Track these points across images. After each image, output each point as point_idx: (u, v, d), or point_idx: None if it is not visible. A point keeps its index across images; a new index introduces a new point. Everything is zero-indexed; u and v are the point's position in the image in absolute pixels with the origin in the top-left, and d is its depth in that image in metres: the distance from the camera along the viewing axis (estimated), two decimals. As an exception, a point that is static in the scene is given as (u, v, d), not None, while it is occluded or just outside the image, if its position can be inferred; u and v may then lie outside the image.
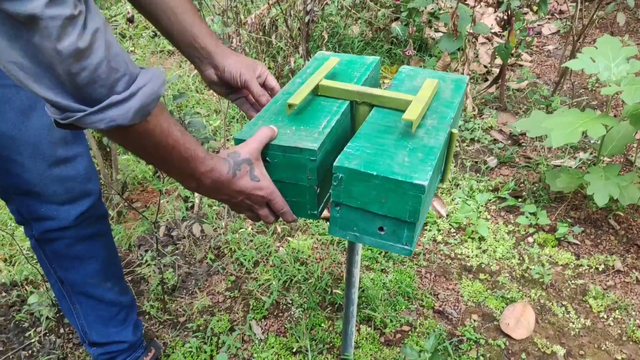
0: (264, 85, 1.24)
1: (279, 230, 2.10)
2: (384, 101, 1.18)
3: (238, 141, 1.00)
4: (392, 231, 1.01)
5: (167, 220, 2.15)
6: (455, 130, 1.13)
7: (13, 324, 1.73)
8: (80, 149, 1.17)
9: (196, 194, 2.31)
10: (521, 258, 2.01)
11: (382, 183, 0.95)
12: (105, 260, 1.31)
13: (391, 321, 1.75)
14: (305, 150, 0.96)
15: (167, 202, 2.25)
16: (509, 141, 2.66)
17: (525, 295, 1.86)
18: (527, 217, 2.16)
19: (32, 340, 1.66)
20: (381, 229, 1.01)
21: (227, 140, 2.70)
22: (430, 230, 2.12)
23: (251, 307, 1.80)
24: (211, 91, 3.22)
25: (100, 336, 1.38)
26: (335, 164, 0.97)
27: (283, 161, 0.99)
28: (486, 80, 3.25)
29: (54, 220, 1.18)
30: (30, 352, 1.64)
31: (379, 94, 1.17)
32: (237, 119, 2.79)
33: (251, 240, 2.03)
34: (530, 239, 2.10)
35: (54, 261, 1.26)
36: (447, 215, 2.18)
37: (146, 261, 1.94)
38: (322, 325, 1.74)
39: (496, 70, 3.23)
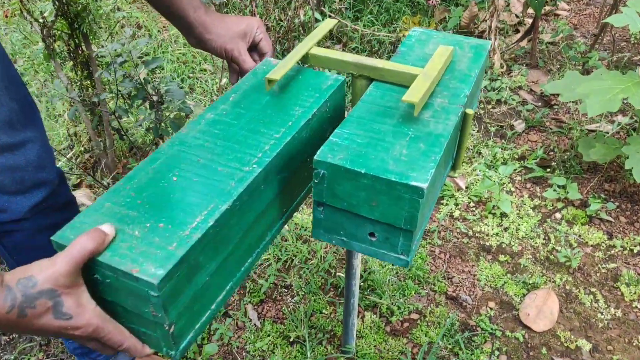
0: (256, 47, 1.07)
1: (282, 203, 1.94)
2: (384, 74, 0.99)
3: (58, 247, 0.66)
4: (385, 238, 0.84)
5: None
6: (470, 111, 0.94)
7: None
8: (32, 133, 1.01)
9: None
10: (547, 237, 1.82)
11: (372, 183, 0.77)
12: None
13: (399, 308, 1.60)
14: (143, 282, 0.62)
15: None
16: (540, 102, 2.42)
17: (550, 281, 1.68)
18: (555, 190, 1.96)
19: (13, 325, 1.57)
20: (372, 234, 0.85)
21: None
22: (447, 204, 1.93)
23: (248, 289, 1.66)
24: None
25: (73, 330, 1.26)
26: (316, 157, 0.80)
27: (117, 284, 0.65)
28: (517, 31, 2.98)
29: (5, 212, 1.04)
30: (10, 337, 1.55)
31: (379, 65, 0.98)
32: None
33: (251, 215, 1.88)
34: (557, 215, 1.90)
35: (14, 254, 1.14)
36: (466, 188, 1.99)
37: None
38: (323, 311, 1.60)
39: (529, 21, 2.95)
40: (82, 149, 2.16)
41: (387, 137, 0.84)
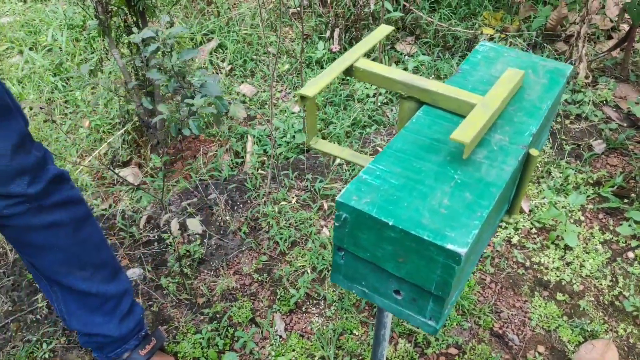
0: None
1: (326, 207, 1.84)
2: (437, 99, 0.85)
3: None
4: (412, 299, 0.72)
5: (207, 176, 1.95)
6: (535, 152, 0.79)
7: (26, 281, 1.63)
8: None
9: (248, 149, 2.08)
10: (614, 279, 1.62)
11: (401, 238, 0.65)
12: (73, 250, 1.11)
13: (436, 340, 1.47)
14: None
15: (215, 154, 2.05)
16: (625, 122, 2.18)
17: (611, 330, 1.50)
18: (631, 225, 1.75)
19: (40, 305, 1.56)
20: (397, 292, 0.73)
21: (296, 87, 2.43)
22: (505, 228, 1.77)
23: (278, 296, 1.58)
24: (285, 29, 2.92)
25: (81, 325, 1.22)
26: (338, 198, 0.68)
27: None
28: (609, 37, 2.70)
29: None
30: (37, 317, 1.54)
31: (432, 88, 0.85)
32: (312, 63, 2.50)
33: (292, 216, 1.79)
34: (630, 255, 1.70)
35: (14, 245, 1.10)
36: (529, 212, 1.81)
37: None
38: (354, 331, 1.49)
39: (624, 27, 2.66)
40: (131, 126, 2.13)
41: (427, 180, 0.71)
